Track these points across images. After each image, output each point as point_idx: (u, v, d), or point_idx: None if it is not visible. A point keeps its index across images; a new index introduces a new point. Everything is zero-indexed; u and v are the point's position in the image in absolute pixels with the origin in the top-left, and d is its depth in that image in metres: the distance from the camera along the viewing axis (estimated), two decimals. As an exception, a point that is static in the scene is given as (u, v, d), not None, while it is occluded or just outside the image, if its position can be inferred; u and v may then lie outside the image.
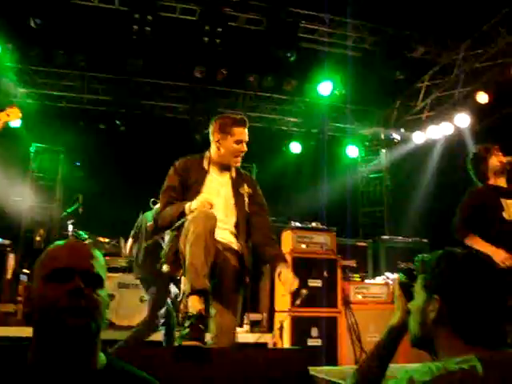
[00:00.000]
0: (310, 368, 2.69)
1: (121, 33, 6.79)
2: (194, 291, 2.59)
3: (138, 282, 5.58)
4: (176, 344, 2.45)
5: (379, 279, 6.10)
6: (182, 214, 2.87)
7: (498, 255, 3.50)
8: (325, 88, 8.17)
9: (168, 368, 2.32)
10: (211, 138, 3.20)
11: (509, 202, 3.76)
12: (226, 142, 3.10)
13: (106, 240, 6.47)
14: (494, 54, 7.23)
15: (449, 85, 8.18)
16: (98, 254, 1.37)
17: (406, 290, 1.70)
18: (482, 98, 7.59)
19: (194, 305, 2.55)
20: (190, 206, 2.85)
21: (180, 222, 2.89)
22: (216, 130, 3.14)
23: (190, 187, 3.07)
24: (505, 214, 3.69)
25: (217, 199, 3.01)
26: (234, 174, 3.22)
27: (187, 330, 2.48)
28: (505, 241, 3.59)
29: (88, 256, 1.33)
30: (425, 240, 7.14)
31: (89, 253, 1.34)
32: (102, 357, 1.33)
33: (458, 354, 1.33)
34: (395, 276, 5.53)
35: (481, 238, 3.67)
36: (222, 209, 3.05)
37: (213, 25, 6.70)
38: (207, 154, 3.22)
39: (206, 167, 3.15)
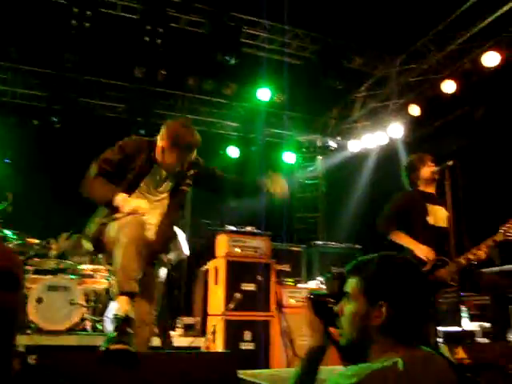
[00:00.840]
0: (239, 371, 2.71)
1: (59, 27, 6.58)
2: (122, 292, 2.56)
3: (68, 284, 5.42)
4: (102, 348, 2.39)
5: (312, 284, 6.21)
6: (109, 203, 2.82)
7: (421, 250, 3.67)
8: (263, 94, 8.25)
9: (95, 374, 2.27)
10: (159, 137, 3.09)
11: (435, 207, 3.94)
12: (170, 156, 3.02)
13: (36, 241, 6.22)
14: (426, 69, 7.57)
15: (384, 96, 8.47)
16: None
17: (319, 307, 1.70)
18: (414, 110, 7.91)
19: (122, 306, 2.53)
20: (120, 202, 2.79)
21: (108, 218, 2.88)
22: (165, 138, 3.03)
23: (130, 171, 2.99)
24: (429, 219, 3.88)
25: (151, 199, 3.02)
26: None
27: (114, 333, 2.44)
28: (427, 244, 3.77)
29: None
30: (358, 246, 7.34)
31: None
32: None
33: (389, 354, 1.38)
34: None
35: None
36: (151, 211, 2.99)
37: (154, 25, 6.62)
38: (157, 143, 3.10)
39: (153, 157, 3.06)
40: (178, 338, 5.86)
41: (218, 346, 5.21)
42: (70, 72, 7.84)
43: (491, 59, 6.56)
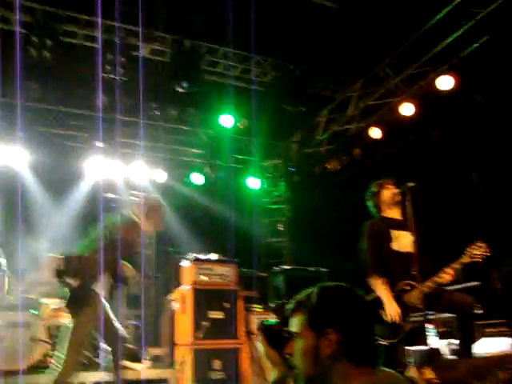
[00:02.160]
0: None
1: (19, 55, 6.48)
2: None
3: (28, 320, 5.26)
4: None
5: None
6: None
7: (391, 308, 3.72)
8: (226, 120, 8.28)
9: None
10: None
11: (398, 233, 4.00)
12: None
13: None
14: (384, 93, 7.76)
15: (345, 119, 8.61)
16: None
17: (273, 337, 1.68)
18: (375, 133, 8.08)
19: None
20: None
21: None
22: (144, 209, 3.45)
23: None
24: (393, 245, 3.93)
25: None
26: None
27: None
28: (392, 269, 3.82)
29: None
30: (324, 269, 7.37)
31: None
32: None
33: (353, 379, 1.39)
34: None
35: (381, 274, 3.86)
36: None
37: (115, 54, 6.61)
38: None
39: None
40: (146, 370, 5.74)
41: (187, 377, 5.11)
42: (29, 101, 7.70)
43: (445, 83, 6.78)
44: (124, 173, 8.66)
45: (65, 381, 4.06)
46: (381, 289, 3.79)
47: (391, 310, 3.71)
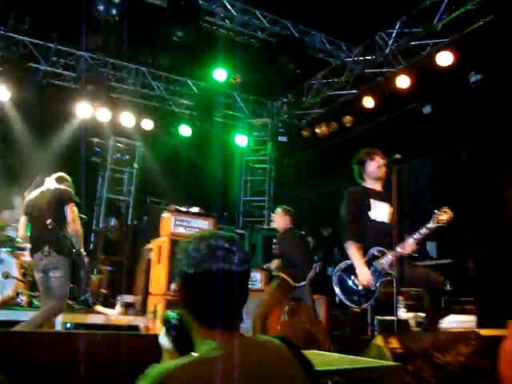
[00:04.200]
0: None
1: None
2: None
3: (3, 256, 5.24)
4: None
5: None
6: None
7: (362, 275, 3.75)
8: (220, 74, 8.12)
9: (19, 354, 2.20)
10: None
11: (378, 203, 4.02)
12: None
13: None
14: (382, 62, 7.66)
15: (339, 86, 8.51)
16: None
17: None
18: (368, 102, 8.01)
19: None
20: None
21: None
22: None
23: None
24: (370, 213, 3.96)
25: None
26: None
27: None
28: (370, 237, 3.87)
29: None
30: (303, 232, 7.40)
31: None
32: None
33: (203, 338, 1.32)
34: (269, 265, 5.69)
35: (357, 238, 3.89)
36: None
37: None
38: None
39: None
40: (118, 316, 5.79)
41: (158, 326, 5.16)
42: (16, 32, 7.45)
43: (444, 58, 6.70)
44: (111, 118, 8.49)
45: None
46: (354, 254, 3.83)
47: (362, 276, 3.76)
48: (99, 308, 5.93)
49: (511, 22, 5.84)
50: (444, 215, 3.69)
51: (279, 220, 5.57)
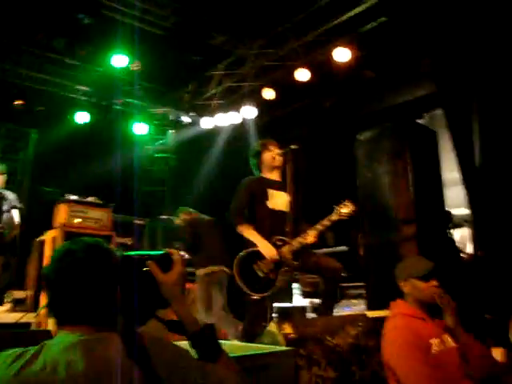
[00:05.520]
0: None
1: None
2: None
3: None
4: None
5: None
6: None
7: (267, 250, 3.80)
8: (119, 60, 7.84)
9: None
10: None
11: (275, 192, 4.11)
12: None
13: None
14: (282, 55, 7.80)
15: (240, 77, 8.56)
16: None
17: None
18: (268, 94, 8.14)
19: None
20: None
21: None
22: None
23: None
24: (268, 203, 4.03)
25: None
26: None
27: None
28: (266, 226, 3.93)
29: None
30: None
31: None
32: None
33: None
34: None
35: (249, 222, 3.94)
36: None
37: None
38: None
39: None
40: (6, 314, 5.46)
41: (51, 321, 4.93)
42: None
43: (342, 55, 6.96)
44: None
45: None
46: (252, 233, 3.86)
47: (267, 251, 3.79)
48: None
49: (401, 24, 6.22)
50: (345, 208, 3.83)
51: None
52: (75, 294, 1.41)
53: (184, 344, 1.55)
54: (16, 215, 4.99)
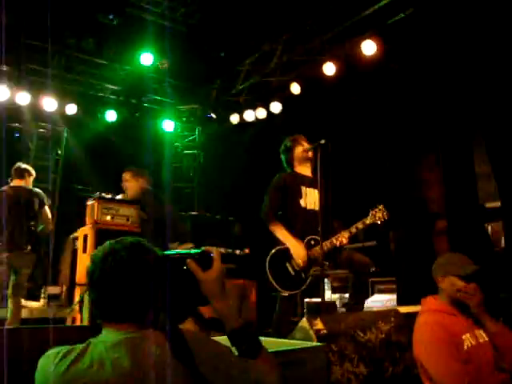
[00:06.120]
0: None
1: None
2: None
3: None
4: None
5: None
6: None
7: (297, 251, 3.79)
8: (146, 58, 7.92)
9: None
10: None
11: (308, 190, 4.09)
12: None
13: None
14: (309, 49, 7.74)
15: (267, 72, 8.54)
16: None
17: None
18: (295, 88, 8.10)
19: None
20: None
21: None
22: None
23: None
24: (301, 202, 4.02)
25: None
26: None
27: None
28: (298, 225, 3.92)
29: None
30: (231, 218, 7.47)
31: None
32: None
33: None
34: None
35: (280, 218, 3.95)
36: None
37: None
38: None
39: None
40: (42, 309, 5.60)
41: (84, 317, 5.03)
42: None
43: (369, 47, 6.87)
44: (31, 102, 8.08)
45: None
46: (283, 233, 3.86)
47: (298, 255, 3.79)
48: (23, 301, 5.71)
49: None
50: (380, 213, 3.81)
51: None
52: (119, 292, 1.45)
53: (223, 340, 1.57)
54: (48, 212, 5.12)
